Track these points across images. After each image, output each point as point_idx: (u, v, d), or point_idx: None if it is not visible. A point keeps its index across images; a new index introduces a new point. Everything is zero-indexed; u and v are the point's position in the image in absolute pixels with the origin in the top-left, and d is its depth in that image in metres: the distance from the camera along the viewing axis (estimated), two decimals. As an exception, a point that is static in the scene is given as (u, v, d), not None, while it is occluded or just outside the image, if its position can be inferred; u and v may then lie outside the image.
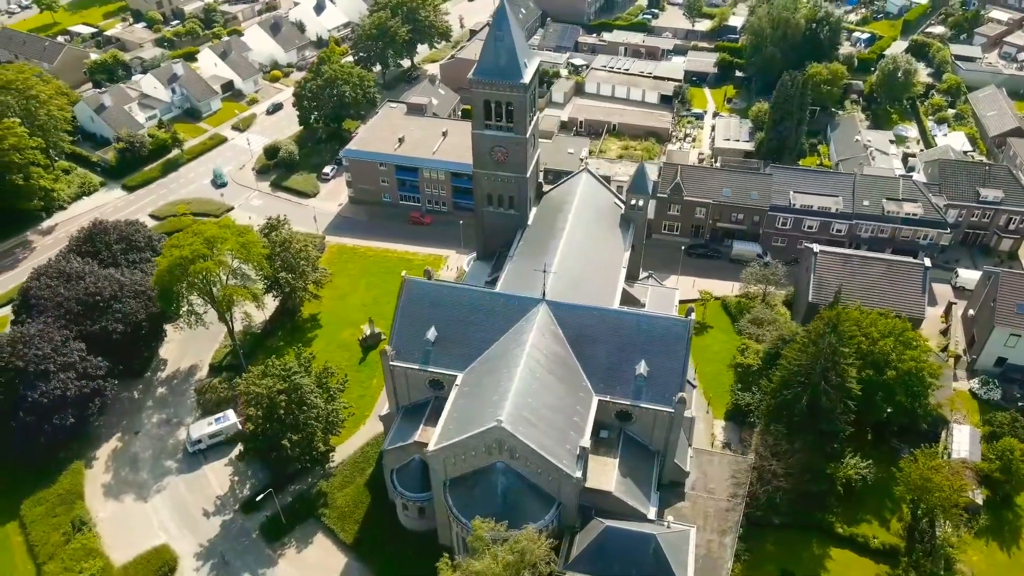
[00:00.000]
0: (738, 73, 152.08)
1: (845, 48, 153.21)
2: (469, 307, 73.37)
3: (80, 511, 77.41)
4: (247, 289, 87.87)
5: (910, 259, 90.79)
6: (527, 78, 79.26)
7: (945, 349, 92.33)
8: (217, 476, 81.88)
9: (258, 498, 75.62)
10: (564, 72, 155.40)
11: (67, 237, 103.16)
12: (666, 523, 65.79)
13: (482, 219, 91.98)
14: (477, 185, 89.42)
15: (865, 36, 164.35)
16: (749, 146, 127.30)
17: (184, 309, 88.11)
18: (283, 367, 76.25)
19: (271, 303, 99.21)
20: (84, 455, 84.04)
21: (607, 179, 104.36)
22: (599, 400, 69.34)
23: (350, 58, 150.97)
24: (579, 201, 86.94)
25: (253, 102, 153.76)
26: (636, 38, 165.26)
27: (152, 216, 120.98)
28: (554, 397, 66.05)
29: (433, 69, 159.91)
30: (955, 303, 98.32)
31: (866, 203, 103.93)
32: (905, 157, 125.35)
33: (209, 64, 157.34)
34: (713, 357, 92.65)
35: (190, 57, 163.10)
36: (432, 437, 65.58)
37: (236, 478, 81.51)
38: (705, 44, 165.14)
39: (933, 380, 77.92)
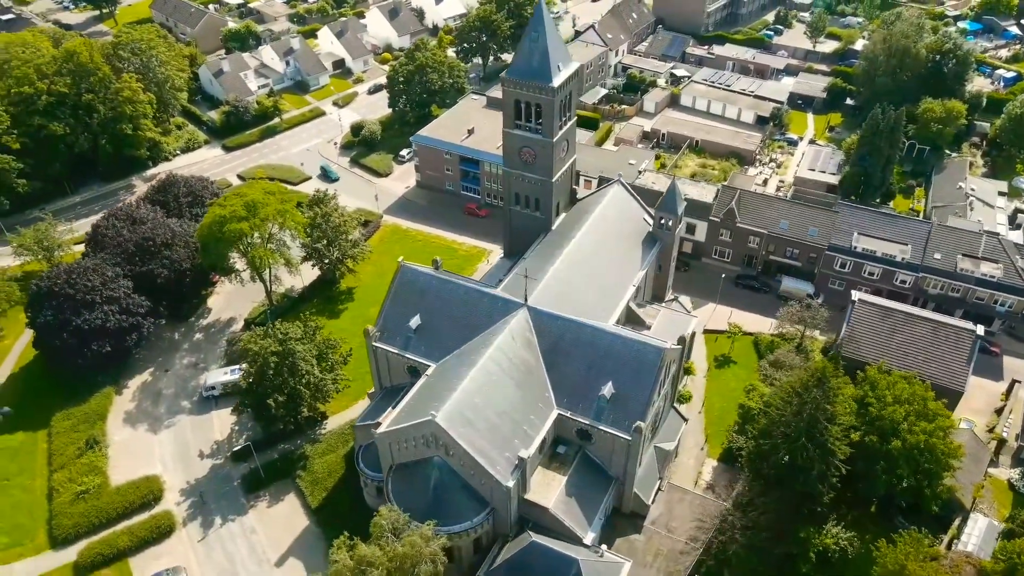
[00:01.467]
0: (848, 101, 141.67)
1: (976, 84, 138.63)
2: (454, 301, 74.17)
3: (98, 431, 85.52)
4: (277, 253, 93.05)
5: (961, 323, 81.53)
6: (557, 82, 78.60)
7: (991, 430, 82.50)
8: (221, 423, 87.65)
9: (236, 448, 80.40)
10: (662, 82, 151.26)
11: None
12: (599, 551, 63.69)
13: (509, 218, 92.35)
14: (506, 183, 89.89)
15: (1010, 75, 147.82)
16: (834, 179, 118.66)
17: (225, 264, 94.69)
18: (282, 331, 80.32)
19: (311, 272, 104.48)
20: (118, 382, 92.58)
21: (658, 195, 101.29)
22: (559, 414, 68.08)
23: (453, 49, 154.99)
24: (600, 212, 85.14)
25: (359, 81, 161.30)
26: (748, 54, 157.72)
27: (239, 176, 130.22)
28: (506, 402, 65.54)
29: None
30: (1020, 382, 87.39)
31: (938, 256, 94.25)
32: (1016, 212, 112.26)
33: (326, 42, 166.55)
34: (728, 394, 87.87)
35: (314, 34, 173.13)
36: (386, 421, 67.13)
37: (236, 428, 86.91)
38: (822, 67, 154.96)
39: (950, 460, 69.92)
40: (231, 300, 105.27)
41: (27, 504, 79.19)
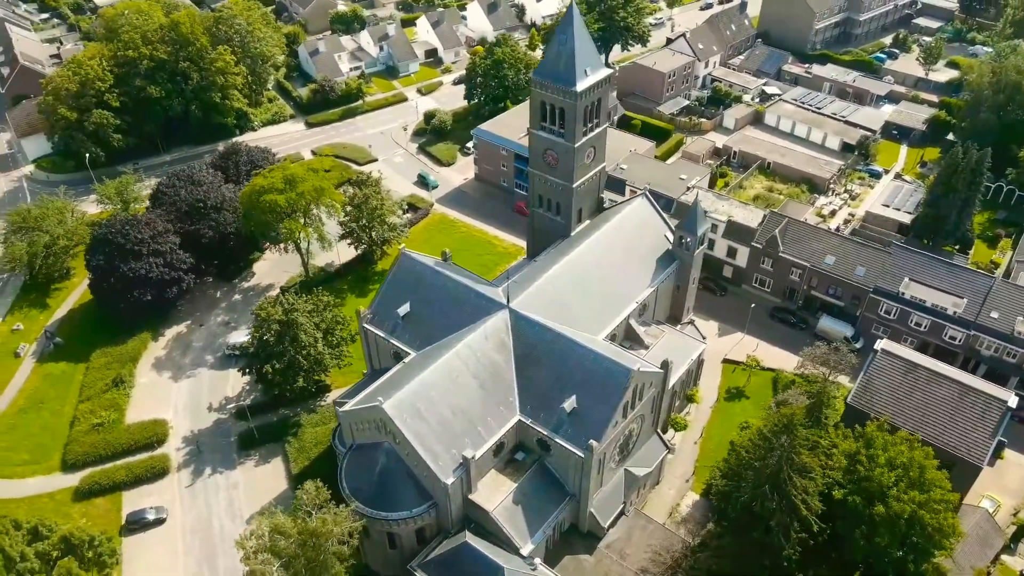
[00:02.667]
0: (949, 136, 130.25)
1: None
2: (444, 293, 74.79)
3: (126, 372, 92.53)
4: (310, 227, 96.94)
5: (994, 389, 73.50)
6: (581, 87, 77.13)
7: (1016, 514, 74.10)
8: (235, 381, 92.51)
9: (230, 406, 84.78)
10: (748, 98, 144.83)
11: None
12: (533, 564, 62.63)
13: (532, 219, 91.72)
14: (531, 184, 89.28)
15: None
16: (908, 219, 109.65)
17: (266, 232, 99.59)
18: (288, 302, 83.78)
19: (351, 250, 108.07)
20: (156, 329, 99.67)
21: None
22: (519, 420, 67.31)
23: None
24: (616, 223, 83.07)
25: (447, 71, 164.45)
26: (849, 76, 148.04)
27: (312, 152, 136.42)
28: (464, 401, 65.45)
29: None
30: (1065, 465, 77.98)
31: (995, 315, 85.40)
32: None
33: (423, 31, 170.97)
34: (731, 429, 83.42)
35: (415, 22, 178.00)
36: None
37: (247, 388, 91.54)
38: (931, 97, 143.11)
39: (942, 538, 63.50)
40: (275, 267, 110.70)
41: (52, 428, 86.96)
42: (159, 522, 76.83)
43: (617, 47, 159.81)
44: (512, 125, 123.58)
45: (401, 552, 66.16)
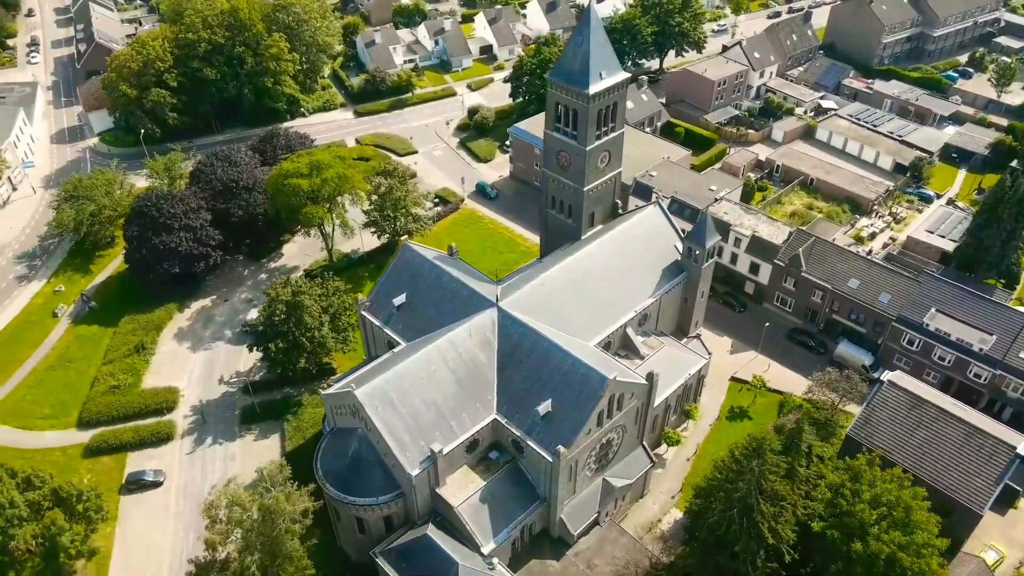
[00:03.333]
0: (1014, 163, 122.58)
1: None
2: (437, 287, 75.37)
3: (149, 339, 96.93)
4: (331, 213, 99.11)
5: (1005, 433, 69.00)
6: (594, 89, 76.17)
7: (1019, 568, 69.44)
8: (247, 357, 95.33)
9: (237, 379, 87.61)
10: (800, 111, 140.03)
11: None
12: (491, 564, 62.58)
13: (545, 219, 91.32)
14: (544, 185, 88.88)
15: None
16: (952, 246, 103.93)
17: (291, 215, 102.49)
18: (296, 285, 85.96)
19: (376, 239, 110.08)
20: (182, 301, 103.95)
21: (724, 225, 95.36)
22: (495, 419, 67.29)
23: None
24: (622, 230, 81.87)
25: (499, 68, 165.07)
26: (912, 94, 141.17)
27: (356, 140, 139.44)
28: (439, 395, 65.80)
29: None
30: (1084, 522, 72.54)
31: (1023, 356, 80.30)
32: None
33: (480, 27, 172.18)
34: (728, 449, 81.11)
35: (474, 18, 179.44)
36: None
37: (257, 364, 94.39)
38: (1001, 121, 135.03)
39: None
40: (303, 250, 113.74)
41: (75, 386, 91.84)
42: (156, 484, 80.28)
43: (672, 52, 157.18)
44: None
45: (369, 537, 67.11)
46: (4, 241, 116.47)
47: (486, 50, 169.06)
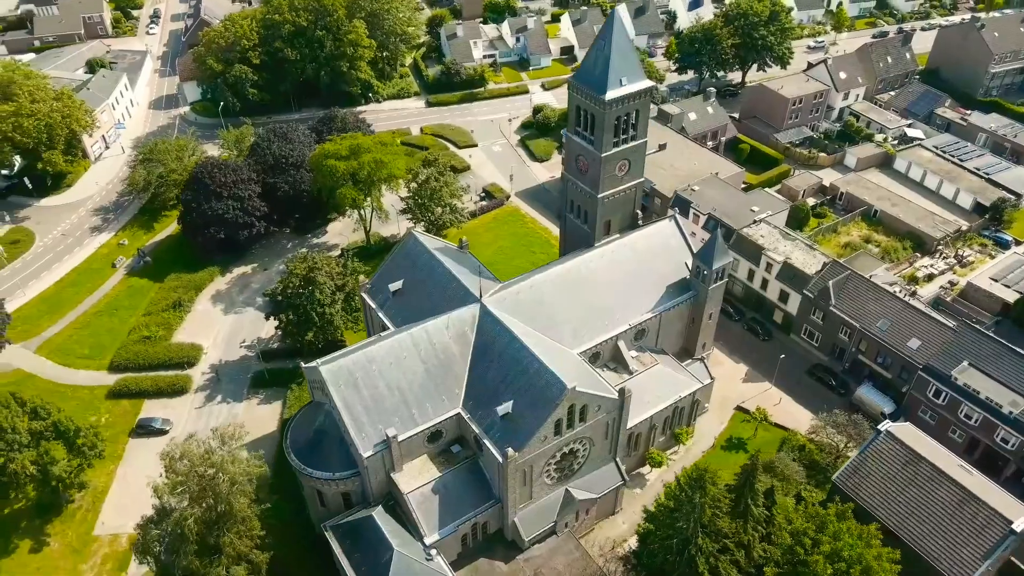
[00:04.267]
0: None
1: None
2: (431, 277, 76.42)
3: (188, 298, 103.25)
4: (362, 194, 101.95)
5: (1003, 504, 62.67)
6: (611, 95, 74.92)
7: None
8: (271, 325, 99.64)
9: (250, 343, 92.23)
10: (879, 138, 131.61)
11: (370, 121, 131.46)
12: (430, 555, 63.15)
13: (564, 222, 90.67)
14: (564, 188, 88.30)
15: None
16: (1015, 297, 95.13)
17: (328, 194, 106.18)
18: (313, 261, 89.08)
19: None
20: (226, 265, 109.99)
21: (756, 248, 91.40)
22: (458, 414, 67.64)
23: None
24: (630, 241, 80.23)
25: (577, 70, 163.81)
26: (1011, 129, 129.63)
27: (421, 129, 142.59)
28: (406, 382, 66.70)
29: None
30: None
31: (1058, 425, 72.56)
32: None
33: (565, 27, 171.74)
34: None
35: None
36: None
37: (278, 333, 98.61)
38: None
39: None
40: (346, 229, 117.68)
41: (116, 332, 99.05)
42: (163, 432, 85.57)
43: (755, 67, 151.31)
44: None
45: (328, 511, 69.07)
46: (88, 194, 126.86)
47: (567, 51, 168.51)
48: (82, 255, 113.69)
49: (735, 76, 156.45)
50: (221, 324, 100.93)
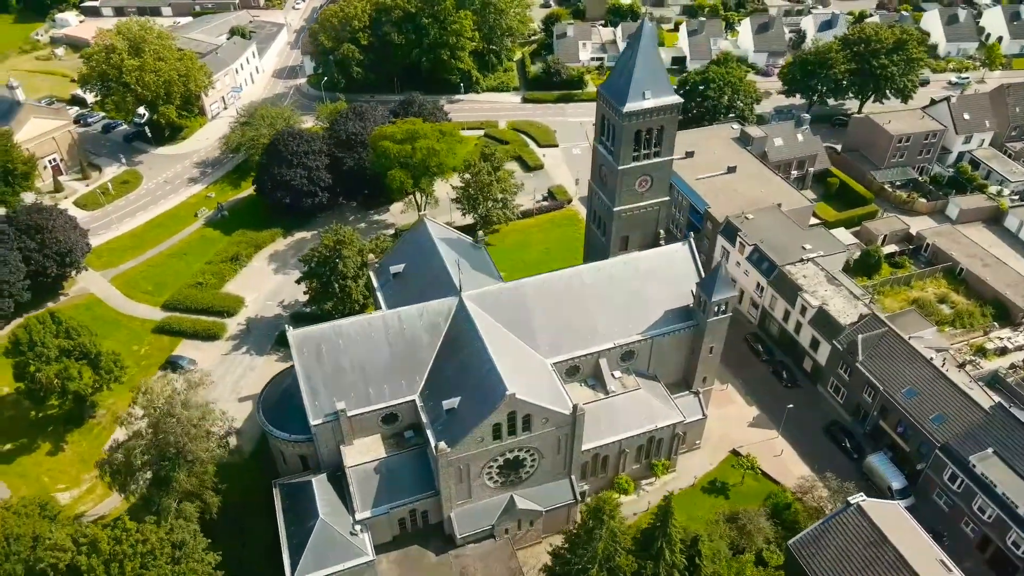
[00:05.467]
0: None
1: None
2: (427, 265, 78.01)
3: (247, 253, 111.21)
4: (411, 179, 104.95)
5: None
6: (629, 107, 73.10)
7: None
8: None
9: (287, 303, 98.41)
10: (993, 189, 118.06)
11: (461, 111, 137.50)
12: (355, 531, 65.09)
13: (587, 230, 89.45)
14: (589, 197, 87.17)
15: None
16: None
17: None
18: (341, 235, 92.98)
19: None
20: (289, 229, 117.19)
21: (794, 288, 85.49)
22: (413, 400, 68.86)
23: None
24: (634, 259, 77.55)
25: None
26: None
27: (508, 124, 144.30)
28: (368, 361, 68.50)
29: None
30: None
31: (1079, 540, 62.83)
32: None
33: (682, 37, 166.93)
34: (687, 522, 74.09)
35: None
36: (310, 328, 76.06)
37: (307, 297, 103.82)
38: None
39: None
40: (409, 209, 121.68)
41: (178, 274, 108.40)
42: (186, 371, 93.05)
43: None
44: (680, 144, 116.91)
45: (288, 469, 72.74)
46: (195, 148, 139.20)
47: (678, 61, 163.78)
48: (175, 201, 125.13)
49: (852, 105, 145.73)
50: (269, 282, 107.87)
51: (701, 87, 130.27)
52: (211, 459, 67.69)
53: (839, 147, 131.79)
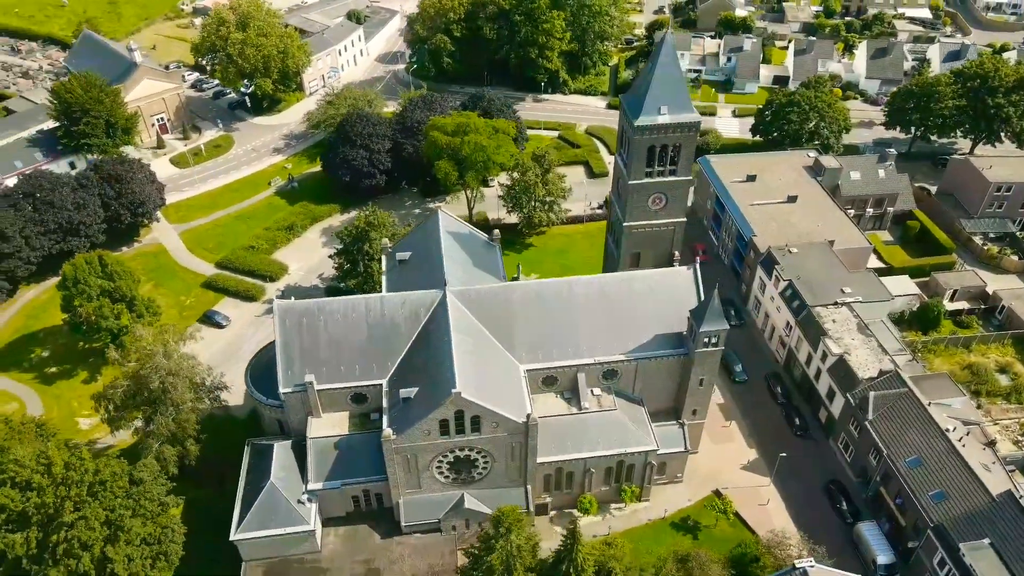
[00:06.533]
0: None
1: None
2: (429, 256, 79.24)
3: (302, 225, 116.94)
4: (456, 172, 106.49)
5: None
6: (641, 121, 71.18)
7: None
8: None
9: (326, 276, 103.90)
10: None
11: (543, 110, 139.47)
12: (302, 500, 67.70)
13: (607, 239, 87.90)
14: (608, 208, 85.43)
15: None
16: None
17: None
18: (374, 217, 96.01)
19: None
20: (347, 206, 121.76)
21: (819, 330, 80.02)
22: (381, 384, 70.39)
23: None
24: (628, 278, 75.64)
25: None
26: None
27: (588, 127, 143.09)
28: (345, 341, 70.85)
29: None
30: None
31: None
32: None
33: (790, 55, 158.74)
34: (636, 555, 71.24)
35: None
36: (310, 300, 79.46)
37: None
38: None
39: None
40: (461, 200, 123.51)
41: (239, 236, 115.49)
42: (220, 326, 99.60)
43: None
44: (743, 168, 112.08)
45: (267, 432, 76.54)
46: (287, 121, 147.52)
47: (780, 80, 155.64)
48: (255, 168, 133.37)
49: (965, 145, 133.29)
50: (316, 255, 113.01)
51: (786, 110, 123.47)
52: (192, 409, 72.34)
53: (934, 189, 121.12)
